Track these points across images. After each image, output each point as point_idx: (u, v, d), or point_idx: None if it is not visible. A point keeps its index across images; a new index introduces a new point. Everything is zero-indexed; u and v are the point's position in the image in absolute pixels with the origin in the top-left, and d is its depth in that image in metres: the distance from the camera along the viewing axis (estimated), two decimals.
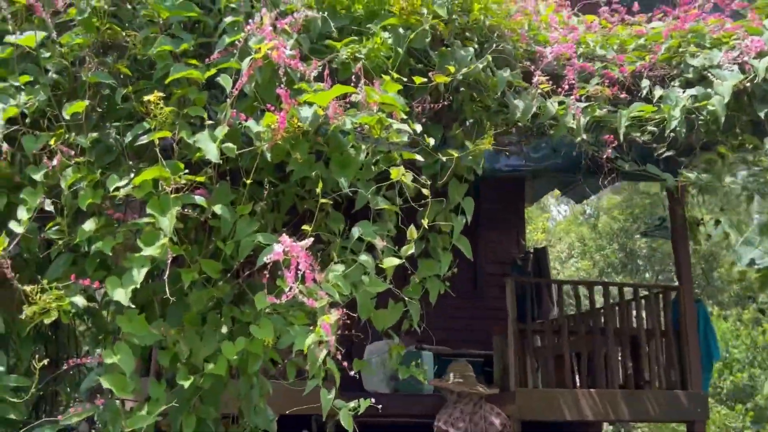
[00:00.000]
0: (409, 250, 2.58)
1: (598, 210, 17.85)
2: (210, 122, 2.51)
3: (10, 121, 2.56)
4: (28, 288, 2.43)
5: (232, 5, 2.75)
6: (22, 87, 2.62)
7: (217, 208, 2.46)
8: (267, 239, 2.50)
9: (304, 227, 2.46)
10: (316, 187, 2.83)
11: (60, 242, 2.60)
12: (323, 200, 2.49)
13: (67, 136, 2.59)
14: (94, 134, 2.61)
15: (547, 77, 3.21)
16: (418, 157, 2.66)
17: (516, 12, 3.31)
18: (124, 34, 2.70)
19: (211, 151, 2.40)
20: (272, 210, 2.91)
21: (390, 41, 2.88)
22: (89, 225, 2.52)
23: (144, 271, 2.38)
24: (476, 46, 3.11)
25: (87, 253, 2.73)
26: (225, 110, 2.54)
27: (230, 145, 2.47)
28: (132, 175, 2.56)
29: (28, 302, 2.46)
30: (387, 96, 2.51)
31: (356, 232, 2.65)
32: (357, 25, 3.04)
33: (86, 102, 2.53)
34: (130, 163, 2.70)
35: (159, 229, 2.40)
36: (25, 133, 2.57)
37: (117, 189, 2.49)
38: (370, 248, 2.71)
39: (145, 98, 2.38)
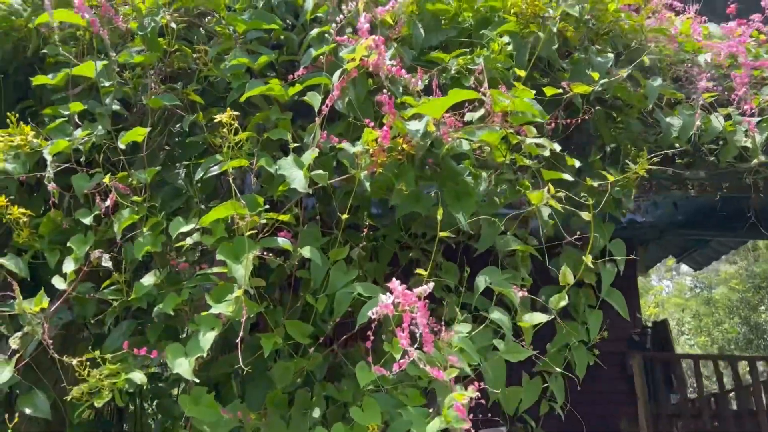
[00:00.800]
0: (561, 301, 1.92)
1: (709, 282, 16.33)
2: (295, 144, 2.01)
3: (62, 158, 2.16)
4: (74, 361, 1.94)
5: (319, 14, 2.30)
6: (79, 123, 2.23)
7: (306, 251, 1.91)
8: (369, 291, 1.92)
9: (419, 271, 1.86)
10: (423, 228, 2.27)
11: (117, 304, 2.12)
12: (443, 233, 1.89)
13: (125, 174, 2.16)
14: (156, 167, 2.15)
15: (704, 89, 2.57)
16: (567, 176, 2.04)
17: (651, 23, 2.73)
18: (194, 56, 2.28)
19: (297, 179, 1.88)
20: (370, 259, 2.34)
21: (510, 48, 2.33)
22: (148, 279, 2.02)
23: (213, 335, 1.84)
24: (611, 54, 2.52)
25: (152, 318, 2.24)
26: (313, 132, 2.03)
27: (321, 172, 1.94)
28: (194, 218, 2.07)
29: (77, 380, 1.96)
30: (521, 102, 1.94)
31: (481, 282, 2.03)
32: (467, 37, 2.53)
33: (147, 129, 2.09)
34: (203, 207, 2.22)
35: (232, 280, 1.87)
36: (76, 171, 2.16)
37: (183, 234, 2.00)
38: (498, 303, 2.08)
39: (216, 118, 1.89)
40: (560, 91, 2.22)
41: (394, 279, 1.61)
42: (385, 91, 1.88)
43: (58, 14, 2.15)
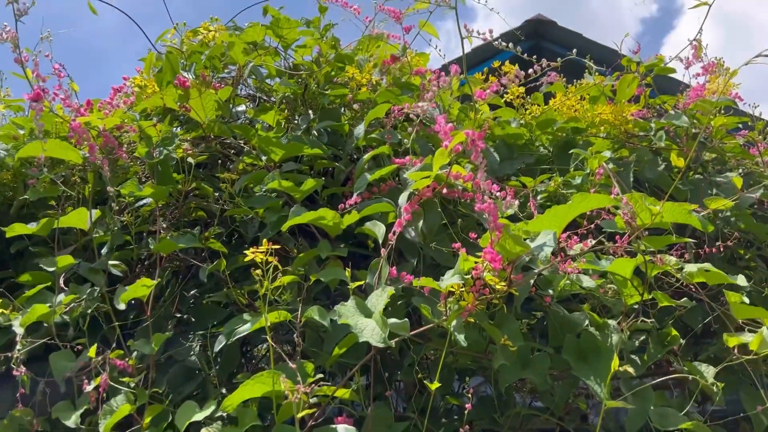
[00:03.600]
0: None
1: None
2: (357, 284, 1.43)
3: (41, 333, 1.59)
4: None
5: (373, 136, 1.85)
6: (65, 288, 1.69)
7: None
8: None
9: None
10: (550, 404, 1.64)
11: None
12: None
13: (119, 351, 1.56)
14: (165, 334, 1.56)
15: None
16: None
17: None
18: (216, 194, 1.80)
19: (368, 329, 1.27)
20: None
21: (611, 166, 1.85)
22: None
23: None
24: (733, 174, 2.03)
25: None
26: (377, 270, 1.47)
27: (397, 320, 1.34)
28: (212, 403, 1.43)
29: None
30: (677, 208, 1.38)
31: None
32: (547, 163, 2.07)
33: (154, 281, 1.53)
34: (223, 391, 1.59)
35: None
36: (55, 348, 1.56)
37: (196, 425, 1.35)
38: None
39: (249, 254, 1.33)
40: (724, 201, 1.69)
41: None
42: (485, 198, 1.34)
43: (51, 148, 1.70)
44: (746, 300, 1.46)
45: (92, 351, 1.47)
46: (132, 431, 1.43)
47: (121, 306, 1.53)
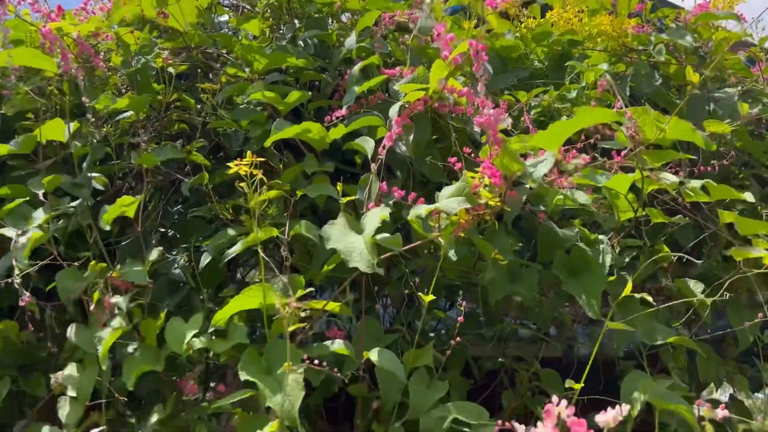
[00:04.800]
0: None
1: None
2: (348, 198, 1.39)
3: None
4: None
5: (363, 45, 1.76)
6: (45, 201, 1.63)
7: (376, 355, 1.24)
8: (470, 415, 1.24)
9: (571, 384, 1.19)
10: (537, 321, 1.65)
11: None
12: None
13: (103, 265, 1.52)
14: (154, 255, 1.53)
15: None
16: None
17: None
18: (198, 107, 1.72)
19: (356, 251, 1.25)
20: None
21: (608, 78, 1.79)
22: (155, 417, 1.35)
23: None
24: (732, 89, 1.98)
25: None
26: (367, 185, 1.43)
27: (388, 235, 1.31)
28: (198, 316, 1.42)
29: None
30: (681, 125, 1.33)
31: (635, 394, 1.35)
32: (540, 78, 2.00)
33: (138, 198, 1.48)
34: (210, 305, 1.57)
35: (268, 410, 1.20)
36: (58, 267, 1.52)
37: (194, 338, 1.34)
38: None
39: (232, 167, 1.27)
40: (723, 125, 1.65)
41: (555, 399, 0.93)
42: (485, 111, 1.28)
43: (19, 55, 1.61)
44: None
45: (100, 266, 1.44)
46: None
47: (106, 227, 1.49)
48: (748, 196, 1.44)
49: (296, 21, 1.92)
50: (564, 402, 0.86)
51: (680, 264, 1.65)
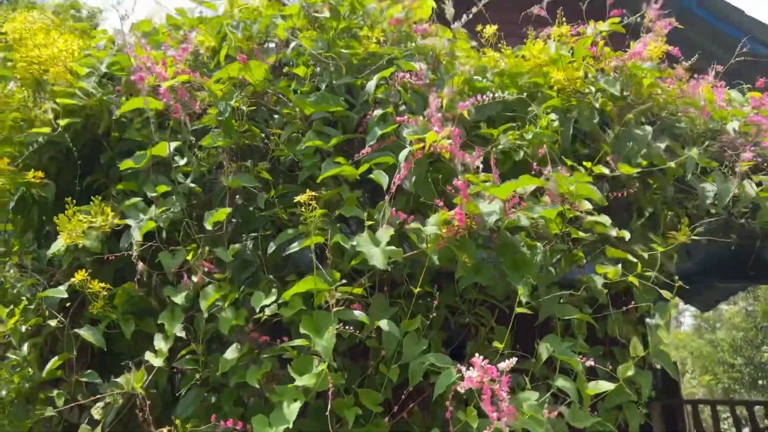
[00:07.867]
0: (628, 371, 2.04)
1: (713, 321, 16.40)
2: (369, 222, 2.14)
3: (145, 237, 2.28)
4: (165, 430, 2.03)
5: (380, 95, 2.46)
6: (152, 201, 2.36)
7: (384, 324, 2.03)
8: (441, 361, 2.04)
9: (496, 345, 1.98)
10: (476, 295, 2.41)
11: (196, 375, 2.22)
12: (519, 309, 2.01)
13: (202, 250, 2.28)
14: (236, 246, 2.28)
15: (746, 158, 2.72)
16: (631, 257, 2.18)
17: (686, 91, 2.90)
18: (263, 135, 2.44)
19: (375, 256, 2.01)
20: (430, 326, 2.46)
21: (556, 124, 2.50)
22: (232, 354, 2.13)
23: (297, 406, 1.94)
24: (649, 127, 2.69)
25: (220, 386, 2.33)
26: (382, 210, 2.17)
27: (394, 248, 2.07)
28: (274, 290, 2.19)
29: None
30: (584, 186, 2.09)
31: (544, 351, 2.14)
32: (510, 111, 2.69)
33: (229, 210, 2.22)
34: (270, 277, 2.34)
35: (314, 354, 1.99)
36: (159, 249, 2.28)
37: (263, 309, 2.12)
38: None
39: (296, 199, 2.04)
40: (606, 171, 2.38)
41: (477, 355, 1.72)
42: (459, 177, 2.02)
43: (151, 100, 2.30)
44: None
45: (190, 255, 2.19)
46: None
47: (209, 227, 2.22)
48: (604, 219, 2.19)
49: (331, 65, 2.58)
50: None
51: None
